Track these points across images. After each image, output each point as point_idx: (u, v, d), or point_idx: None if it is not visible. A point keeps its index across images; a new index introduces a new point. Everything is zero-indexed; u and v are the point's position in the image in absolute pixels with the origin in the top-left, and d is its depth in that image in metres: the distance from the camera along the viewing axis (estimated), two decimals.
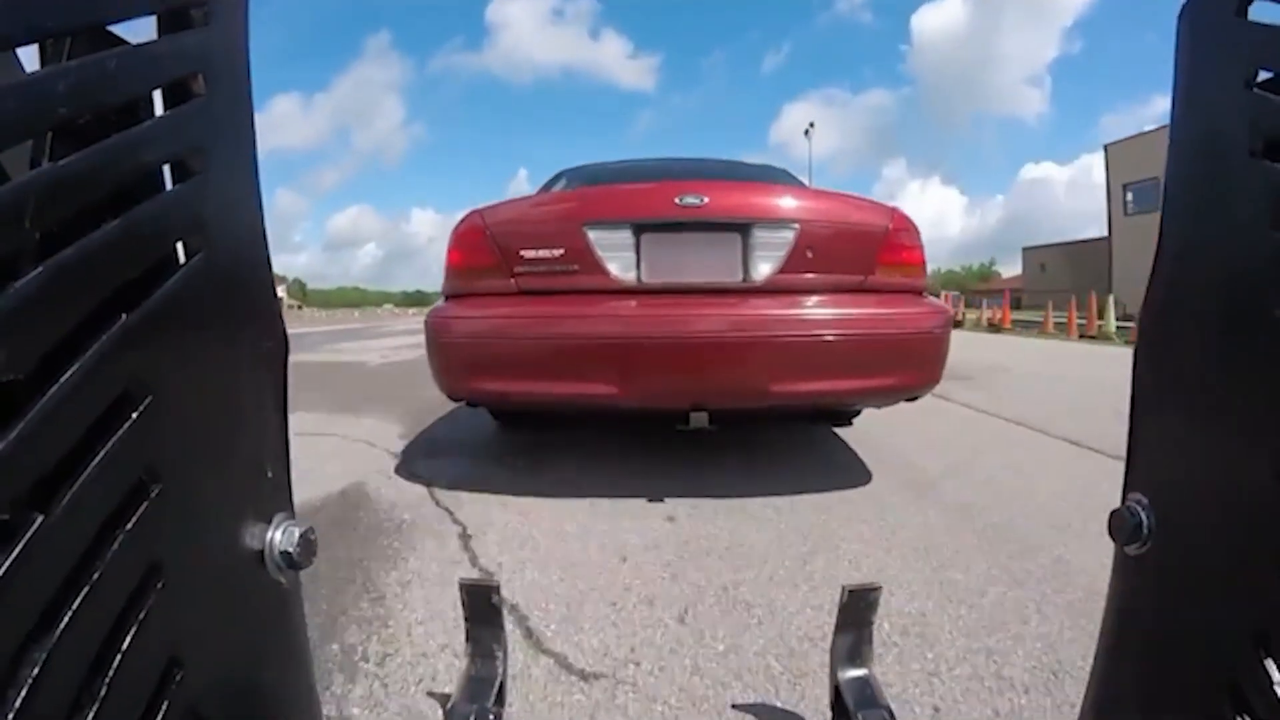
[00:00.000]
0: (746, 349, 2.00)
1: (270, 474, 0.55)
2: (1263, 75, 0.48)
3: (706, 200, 2.10)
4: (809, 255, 2.11)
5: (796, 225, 2.11)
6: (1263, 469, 0.46)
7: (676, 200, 2.10)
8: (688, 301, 2.06)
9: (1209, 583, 0.51)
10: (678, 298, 2.08)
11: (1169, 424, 0.56)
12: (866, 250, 2.16)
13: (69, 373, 0.38)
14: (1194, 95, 0.52)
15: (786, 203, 2.21)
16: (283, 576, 0.55)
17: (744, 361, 2.00)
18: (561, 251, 2.11)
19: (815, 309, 2.07)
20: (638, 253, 2.11)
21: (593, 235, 2.10)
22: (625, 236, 2.11)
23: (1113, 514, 0.57)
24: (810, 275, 2.11)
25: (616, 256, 2.11)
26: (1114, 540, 0.58)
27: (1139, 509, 0.55)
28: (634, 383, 2.00)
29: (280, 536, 0.54)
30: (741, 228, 2.11)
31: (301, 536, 0.55)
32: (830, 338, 2.02)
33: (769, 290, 2.10)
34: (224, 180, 0.50)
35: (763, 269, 2.10)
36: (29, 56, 0.43)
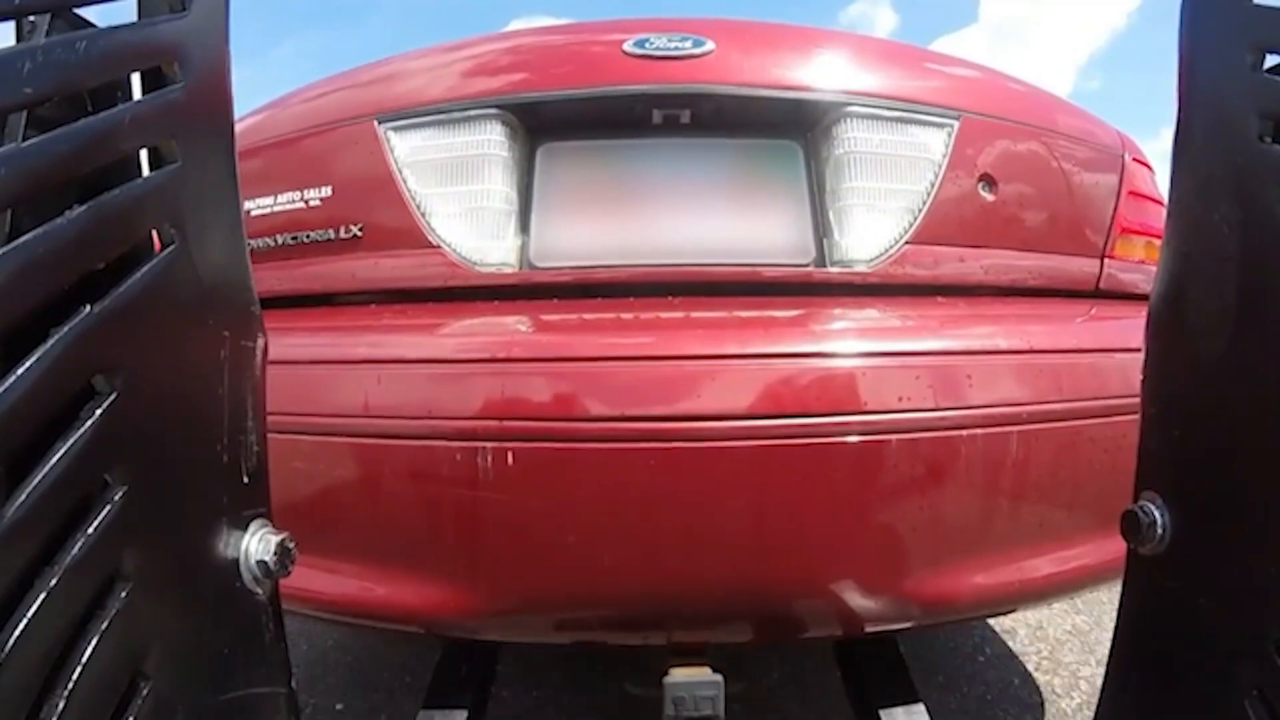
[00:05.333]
0: (851, 463, 0.72)
1: (246, 479, 0.52)
2: (1271, 59, 0.47)
3: (711, 50, 0.89)
4: (985, 196, 0.91)
5: (954, 119, 0.91)
6: None
7: (627, 50, 0.88)
8: (659, 328, 0.83)
9: (1227, 583, 0.49)
10: (632, 315, 0.85)
11: (1182, 419, 0.54)
12: (1093, 202, 0.99)
13: (27, 363, 0.36)
14: (1199, 80, 0.51)
15: (921, 69, 0.98)
16: (259, 587, 0.52)
17: (847, 505, 0.74)
18: (328, 193, 0.91)
19: (1034, 342, 0.82)
20: (525, 191, 0.90)
21: (398, 145, 0.89)
22: (490, 145, 0.88)
23: (1125, 513, 0.55)
24: (993, 251, 0.92)
25: (464, 202, 0.88)
26: (1126, 540, 0.56)
27: (1152, 508, 0.53)
28: (502, 577, 0.76)
29: (256, 545, 0.52)
30: (809, 120, 0.91)
31: (279, 545, 0.52)
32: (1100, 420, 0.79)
33: (890, 289, 0.89)
34: (200, 170, 0.48)
35: (871, 231, 0.89)
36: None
